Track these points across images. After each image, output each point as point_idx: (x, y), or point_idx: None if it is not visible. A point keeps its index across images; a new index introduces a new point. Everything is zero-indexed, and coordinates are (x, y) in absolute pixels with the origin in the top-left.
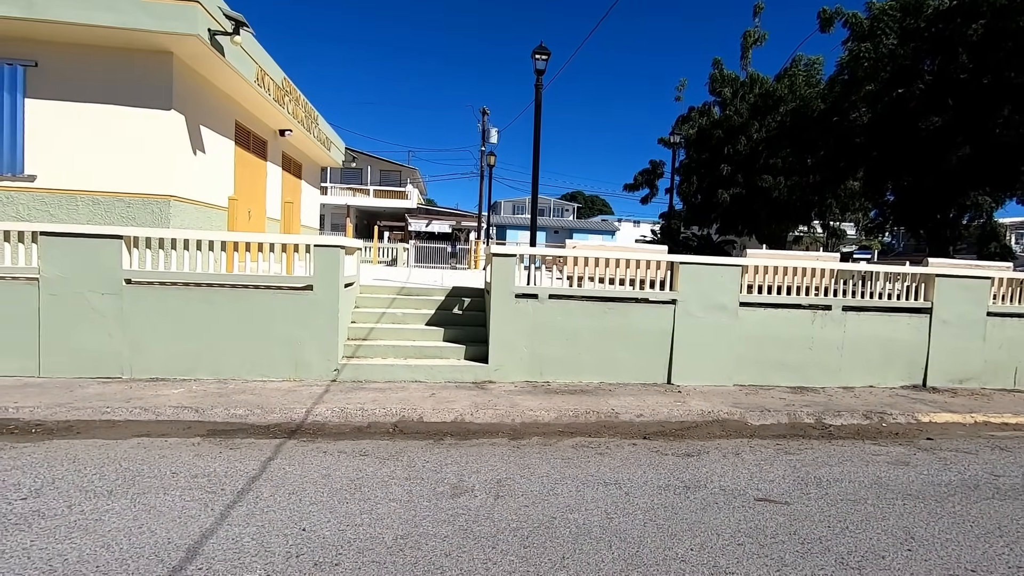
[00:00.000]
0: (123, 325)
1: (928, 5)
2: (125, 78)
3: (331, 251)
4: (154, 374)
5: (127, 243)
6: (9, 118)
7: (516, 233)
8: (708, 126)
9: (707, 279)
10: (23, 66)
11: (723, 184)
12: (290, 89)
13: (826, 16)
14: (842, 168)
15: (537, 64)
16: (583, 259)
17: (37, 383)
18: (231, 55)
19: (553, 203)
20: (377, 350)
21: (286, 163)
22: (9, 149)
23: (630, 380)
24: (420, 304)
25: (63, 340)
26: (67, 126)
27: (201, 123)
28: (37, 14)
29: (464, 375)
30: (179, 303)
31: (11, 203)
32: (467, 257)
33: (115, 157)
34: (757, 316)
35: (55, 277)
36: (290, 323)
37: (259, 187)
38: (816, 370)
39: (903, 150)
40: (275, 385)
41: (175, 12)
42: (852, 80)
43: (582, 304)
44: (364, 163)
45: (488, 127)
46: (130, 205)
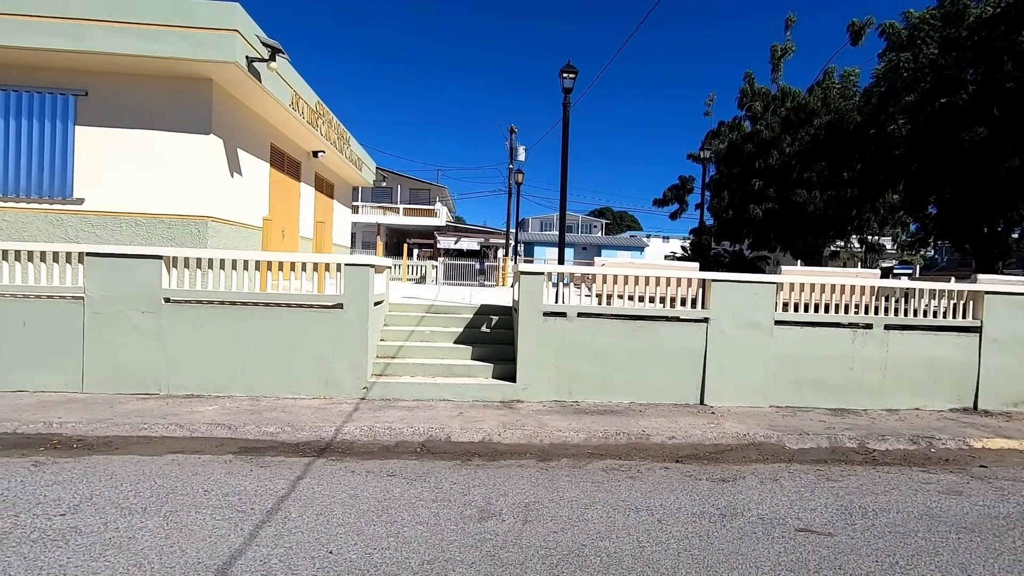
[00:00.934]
0: (161, 343)
1: (970, 13)
2: (167, 104)
3: (361, 270)
4: (190, 391)
5: (166, 263)
6: (61, 145)
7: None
8: (739, 141)
9: (740, 297)
10: (75, 95)
11: (755, 199)
12: (323, 112)
13: (856, 28)
14: (881, 181)
15: (565, 83)
16: (612, 277)
17: (80, 399)
18: (267, 80)
19: (581, 219)
20: (406, 368)
21: (319, 183)
22: (60, 174)
23: (661, 400)
24: (448, 322)
25: (105, 357)
26: (113, 151)
27: (238, 146)
28: (87, 46)
29: (492, 394)
30: (214, 321)
31: (60, 225)
32: (495, 274)
33: (157, 180)
34: (793, 335)
35: (99, 296)
36: (321, 341)
37: (292, 207)
38: (857, 391)
39: (946, 162)
40: (305, 403)
41: (215, 41)
42: (890, 91)
43: (611, 322)
44: (394, 182)
45: (516, 145)
46: (170, 226)
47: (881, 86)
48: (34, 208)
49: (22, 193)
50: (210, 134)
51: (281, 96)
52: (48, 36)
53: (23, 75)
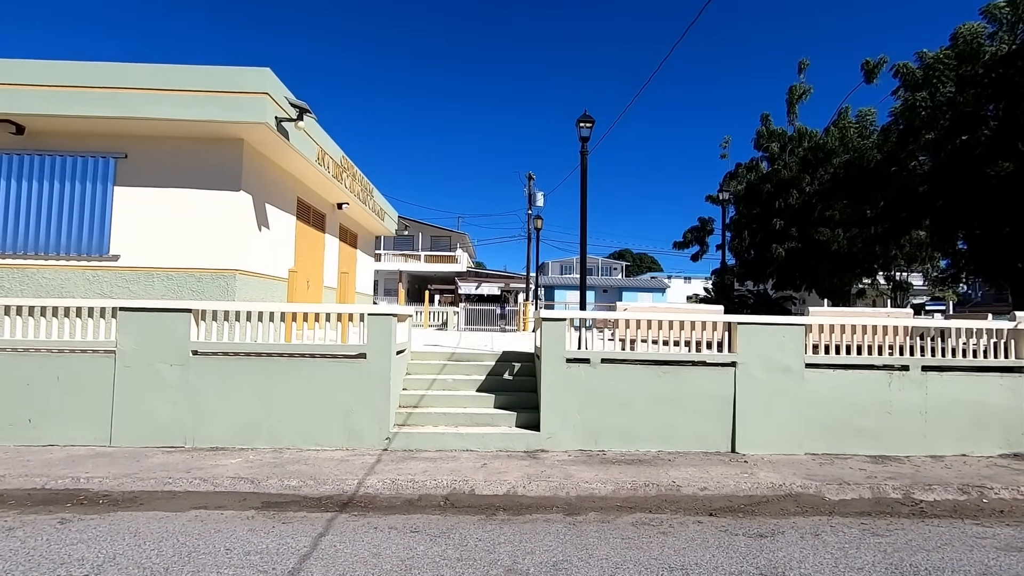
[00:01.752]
0: (188, 395)
1: (985, 51)
2: (200, 163)
3: (383, 319)
4: (214, 443)
5: (195, 316)
6: (100, 205)
7: (564, 293)
8: (757, 181)
9: (768, 339)
10: (115, 158)
11: (777, 238)
12: (348, 166)
13: (870, 67)
14: (905, 219)
15: (581, 132)
16: (635, 321)
17: (108, 452)
18: (295, 138)
19: (601, 262)
20: (428, 418)
21: (343, 234)
22: (98, 233)
23: (691, 448)
24: (471, 370)
25: (133, 410)
26: (147, 209)
27: (266, 201)
28: (129, 112)
29: (516, 443)
30: (240, 373)
31: (96, 281)
32: (516, 319)
33: (188, 235)
34: (826, 378)
35: (130, 350)
36: (344, 391)
37: (317, 258)
38: (898, 437)
39: (972, 198)
40: (328, 454)
41: (247, 104)
42: (909, 129)
43: (636, 368)
44: (416, 230)
45: (534, 191)
46: (200, 279)
47: (899, 124)
48: (72, 265)
49: (62, 251)
50: (240, 190)
51: (308, 152)
52: (94, 105)
53: (67, 141)
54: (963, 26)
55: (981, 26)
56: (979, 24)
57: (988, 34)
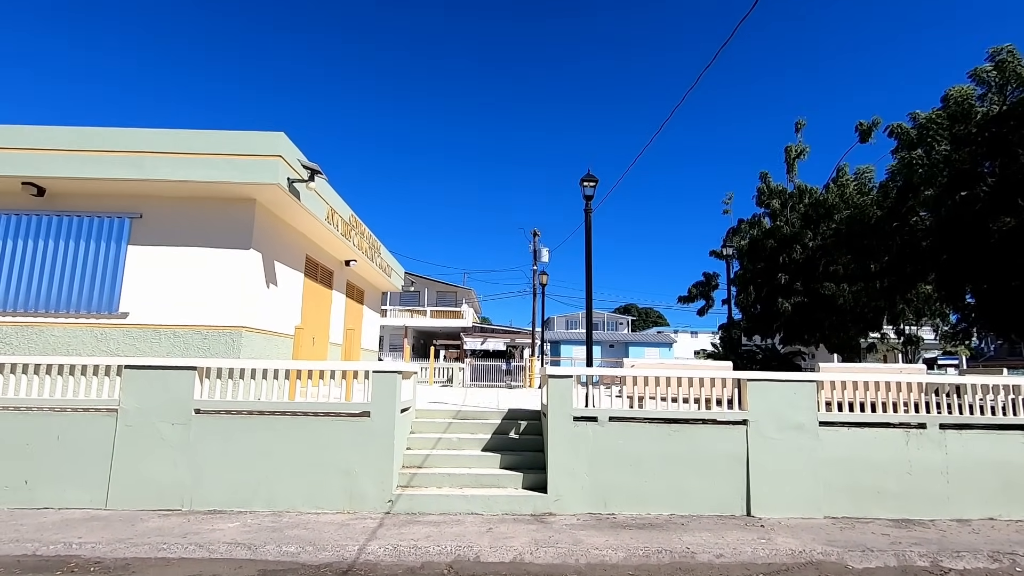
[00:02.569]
0: (188, 455)
1: (976, 111)
2: (212, 223)
3: (388, 377)
4: (212, 506)
5: (200, 374)
6: (112, 264)
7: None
8: (760, 236)
9: (779, 396)
10: (130, 218)
11: (782, 293)
12: (356, 223)
13: (864, 128)
14: (910, 273)
15: (585, 190)
16: (643, 378)
17: (103, 516)
18: (305, 198)
19: (607, 317)
20: (432, 479)
21: (350, 290)
22: (109, 291)
23: (704, 511)
24: (476, 428)
25: (132, 471)
26: (158, 267)
27: (275, 259)
28: (147, 174)
29: (522, 506)
30: (242, 432)
31: (104, 339)
32: (522, 375)
33: (197, 293)
34: (841, 437)
35: (133, 408)
36: (346, 451)
37: (324, 315)
38: (920, 499)
39: (976, 252)
40: (328, 518)
41: (260, 165)
42: (907, 186)
43: (645, 426)
44: (422, 286)
45: (539, 247)
46: (206, 337)
47: (897, 181)
48: (81, 323)
49: (72, 309)
50: (250, 249)
51: (318, 211)
52: (113, 168)
53: (86, 202)
54: (953, 89)
55: (970, 88)
56: (968, 87)
57: (978, 95)
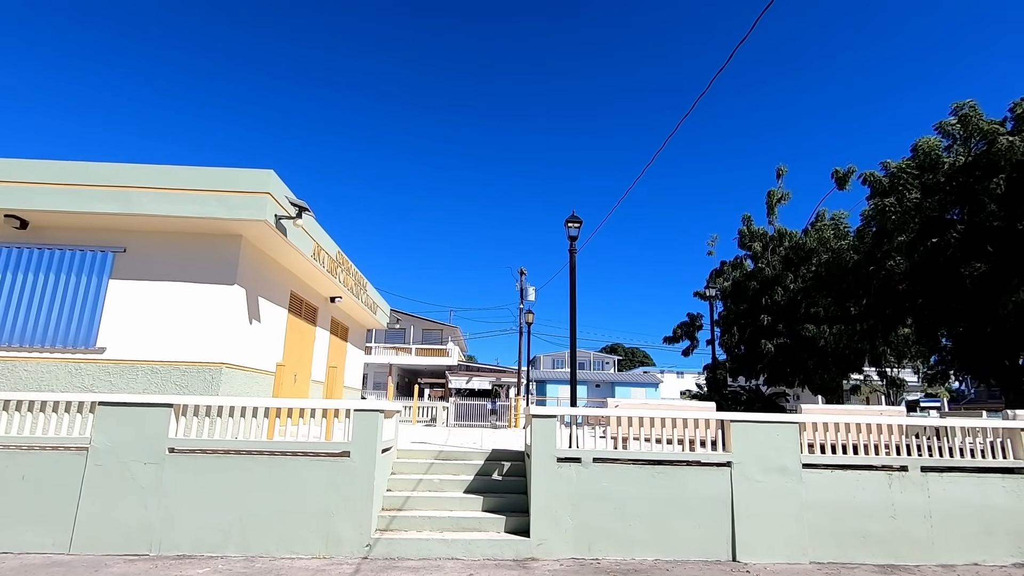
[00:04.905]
0: (159, 496)
1: (944, 161)
2: (197, 258)
3: (370, 415)
4: (182, 550)
5: (176, 411)
6: (92, 298)
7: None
8: (742, 278)
9: (762, 438)
10: (113, 252)
11: (765, 334)
12: (343, 260)
13: (840, 175)
14: (889, 315)
15: (570, 231)
16: (627, 419)
17: (65, 561)
18: (292, 235)
19: (593, 356)
20: (412, 522)
21: (334, 327)
22: (87, 326)
23: (689, 556)
24: (458, 469)
25: (99, 514)
26: (139, 302)
27: (260, 295)
28: (133, 208)
29: (504, 551)
30: (216, 472)
31: (79, 374)
32: (507, 414)
33: (177, 328)
34: (824, 479)
35: (103, 447)
36: (324, 493)
37: (307, 352)
38: (905, 544)
39: (950, 297)
40: (303, 563)
41: (248, 202)
42: (881, 231)
43: (628, 468)
44: (407, 323)
45: (526, 286)
46: (185, 373)
47: (871, 226)
48: (56, 358)
49: (47, 343)
50: (234, 284)
51: (304, 248)
52: (99, 201)
53: (69, 235)
54: (921, 140)
55: (937, 140)
56: (935, 139)
57: (945, 147)
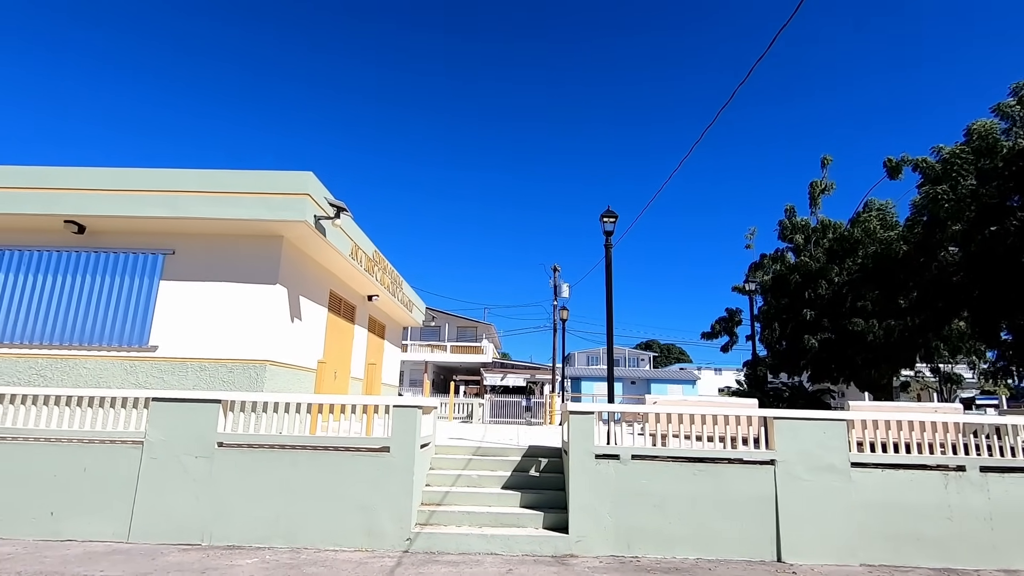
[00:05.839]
0: (210, 489)
1: (1002, 146)
2: (241, 259)
3: (408, 411)
4: (231, 541)
5: (224, 407)
6: (145, 299)
7: (591, 384)
8: (784, 272)
9: (808, 436)
10: (163, 255)
11: (808, 329)
12: (379, 259)
13: (892, 165)
14: (942, 309)
15: (605, 226)
16: (665, 415)
17: (124, 549)
18: (331, 235)
19: (628, 353)
20: (452, 517)
21: (371, 325)
22: (140, 325)
23: (732, 556)
24: (496, 465)
25: (154, 504)
26: (187, 302)
27: (301, 294)
28: (180, 212)
29: (543, 547)
30: (263, 466)
31: (133, 371)
32: (543, 411)
33: (223, 327)
34: (875, 479)
35: (158, 441)
36: (366, 487)
37: (346, 349)
38: (963, 547)
39: (1011, 288)
40: (347, 555)
41: (289, 204)
42: (934, 220)
43: (668, 465)
44: (442, 321)
45: (559, 283)
46: (231, 370)
47: (922, 215)
48: (112, 356)
49: (104, 342)
50: (276, 284)
51: (342, 248)
52: (149, 206)
53: (122, 239)
54: (976, 123)
55: (993, 123)
56: (992, 121)
57: (1003, 130)
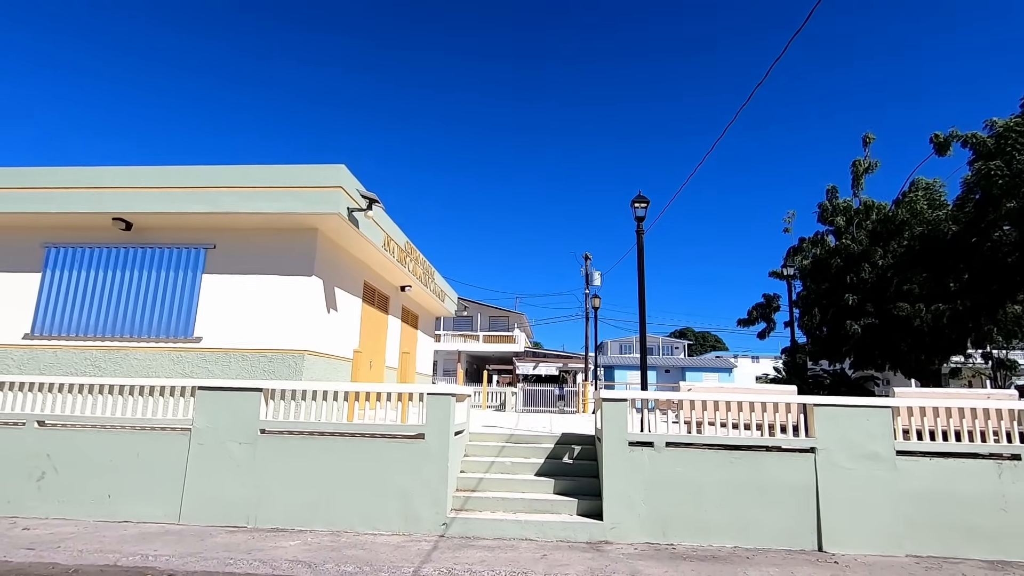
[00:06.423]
0: (254, 474)
1: None
2: (277, 252)
3: (442, 399)
4: (275, 524)
5: (265, 395)
6: (189, 292)
7: (624, 373)
8: (824, 255)
9: (850, 423)
10: (204, 249)
11: (851, 315)
12: (411, 250)
13: (940, 141)
14: (995, 291)
15: (636, 212)
16: (700, 403)
17: (176, 530)
18: (363, 226)
19: (662, 341)
20: (486, 503)
21: (405, 315)
22: (185, 317)
23: (770, 545)
24: (529, 452)
25: (203, 488)
26: (228, 294)
27: (336, 285)
28: (220, 208)
29: (577, 533)
30: (303, 452)
31: (180, 362)
32: (575, 400)
33: (262, 318)
34: (922, 468)
35: (204, 427)
36: (402, 473)
37: (380, 339)
38: (1018, 539)
39: None
40: (384, 539)
41: (322, 197)
42: (987, 198)
43: (704, 453)
44: (474, 311)
45: (591, 271)
46: (271, 360)
47: (973, 193)
48: (160, 347)
49: (153, 334)
50: (312, 275)
51: (375, 239)
52: (191, 202)
53: (166, 235)
54: None
55: None
56: None
57: None
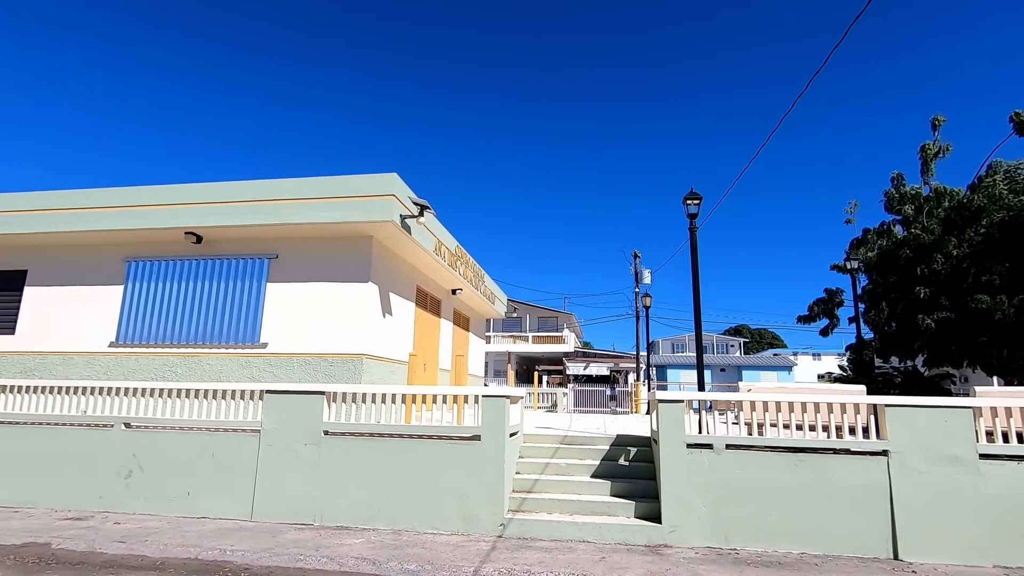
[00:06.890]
0: (319, 474)
1: None
2: (335, 259)
3: (497, 401)
4: (340, 522)
5: (328, 398)
6: (254, 300)
7: (678, 372)
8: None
9: (927, 424)
10: (268, 259)
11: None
12: (462, 254)
13: (1021, 119)
14: None
15: (689, 209)
16: (761, 403)
17: (249, 527)
18: (416, 232)
19: (716, 339)
20: (542, 504)
21: (456, 318)
22: (252, 324)
23: (841, 552)
24: (584, 454)
25: (272, 487)
26: (290, 302)
27: (390, 290)
28: (281, 219)
29: (636, 536)
30: (364, 453)
31: (248, 367)
32: (627, 400)
33: (323, 324)
34: (1009, 472)
35: (272, 429)
36: (459, 474)
37: (433, 342)
38: None
39: None
40: (444, 539)
41: (377, 205)
42: None
43: (767, 455)
44: (523, 312)
45: (640, 269)
46: (332, 364)
47: None
48: (230, 353)
49: (223, 341)
50: (368, 282)
51: (427, 244)
52: (256, 215)
53: (233, 246)
54: None
55: None
56: None
57: None
